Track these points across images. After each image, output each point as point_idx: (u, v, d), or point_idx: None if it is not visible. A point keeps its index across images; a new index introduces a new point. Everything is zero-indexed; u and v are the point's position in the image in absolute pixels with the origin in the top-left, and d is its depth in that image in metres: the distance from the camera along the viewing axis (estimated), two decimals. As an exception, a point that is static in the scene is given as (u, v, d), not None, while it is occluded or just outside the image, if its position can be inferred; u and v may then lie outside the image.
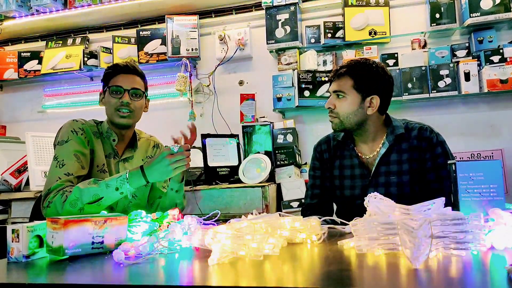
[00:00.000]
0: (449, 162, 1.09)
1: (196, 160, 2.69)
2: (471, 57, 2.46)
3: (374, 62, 1.52)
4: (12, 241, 0.96)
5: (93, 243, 0.99)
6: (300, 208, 2.49)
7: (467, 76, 2.40)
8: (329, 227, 1.12)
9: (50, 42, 3.27)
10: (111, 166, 1.60)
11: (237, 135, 2.71)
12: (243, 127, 2.72)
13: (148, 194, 1.71)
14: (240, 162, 2.61)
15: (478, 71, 2.40)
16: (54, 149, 1.52)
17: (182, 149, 1.39)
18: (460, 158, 2.41)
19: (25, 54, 3.30)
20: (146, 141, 1.75)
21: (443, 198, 0.90)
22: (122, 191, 1.37)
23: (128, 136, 1.66)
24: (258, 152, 2.60)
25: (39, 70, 3.23)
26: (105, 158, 1.58)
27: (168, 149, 1.39)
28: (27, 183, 2.61)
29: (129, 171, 1.39)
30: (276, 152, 2.61)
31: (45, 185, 1.44)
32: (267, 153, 2.59)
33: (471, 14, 2.39)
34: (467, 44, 2.50)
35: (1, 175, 2.62)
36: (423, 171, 1.49)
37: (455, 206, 1.02)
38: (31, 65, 3.28)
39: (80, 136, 1.52)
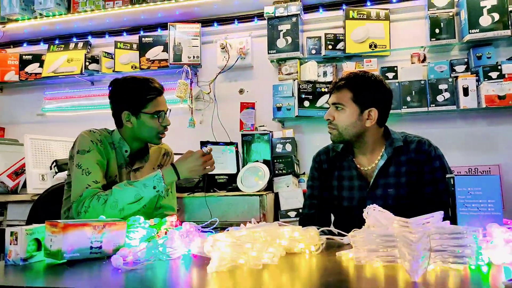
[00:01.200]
0: (447, 176, 1.10)
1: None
2: (469, 73, 2.49)
3: (373, 75, 1.53)
4: (10, 244, 0.96)
5: (91, 247, 0.99)
6: (298, 218, 2.49)
7: (466, 91, 2.43)
8: (327, 238, 1.12)
9: (52, 46, 3.28)
10: (122, 176, 1.62)
11: (236, 143, 2.72)
12: (243, 135, 2.73)
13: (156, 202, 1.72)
14: (238, 170, 2.61)
15: (477, 86, 2.43)
16: (72, 157, 1.53)
17: (208, 151, 1.56)
18: (457, 172, 2.42)
19: (26, 57, 3.31)
20: (158, 149, 1.76)
21: (442, 212, 0.90)
22: (158, 189, 1.46)
23: (139, 147, 1.67)
24: (257, 161, 2.60)
25: (40, 73, 3.23)
26: (118, 169, 1.60)
27: (201, 151, 1.54)
28: (24, 185, 2.60)
29: (161, 170, 1.50)
30: (275, 161, 2.61)
31: (74, 192, 1.45)
32: (265, 162, 2.59)
33: (470, 30, 2.42)
34: (466, 60, 2.53)
35: (-2, 177, 2.61)
36: (421, 184, 1.49)
37: (453, 220, 1.03)
38: (32, 68, 3.28)
39: (100, 147, 1.54)
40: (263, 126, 2.79)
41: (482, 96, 2.39)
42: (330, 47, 2.74)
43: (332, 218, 1.71)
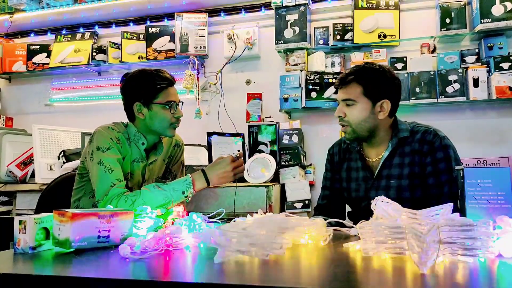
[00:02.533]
0: (457, 168, 1.08)
1: (201, 158, 2.70)
2: (480, 63, 2.45)
3: (380, 65, 1.49)
4: (19, 232, 0.97)
5: (99, 237, 0.99)
6: (304, 209, 2.49)
7: (476, 82, 2.39)
8: (334, 229, 1.12)
9: (59, 36, 3.28)
10: (135, 170, 1.60)
11: (243, 134, 2.71)
12: (249, 126, 2.72)
13: None
14: (245, 161, 2.60)
15: (487, 77, 2.39)
16: (91, 153, 1.50)
17: (238, 156, 1.54)
18: (466, 164, 2.39)
19: (34, 47, 3.31)
20: (168, 140, 1.73)
21: (451, 204, 0.89)
22: (187, 194, 1.46)
23: (156, 140, 1.65)
24: (263, 152, 2.60)
25: (48, 64, 3.24)
26: (133, 163, 1.59)
27: (231, 156, 1.52)
28: (33, 175, 2.63)
29: (191, 176, 1.49)
30: (281, 152, 2.61)
31: (99, 190, 1.43)
32: (272, 153, 2.59)
33: (482, 20, 2.38)
34: (476, 50, 2.48)
35: (7, 166, 2.64)
36: (423, 176, 1.46)
37: (462, 212, 1.02)
38: (40, 58, 3.29)
39: (118, 145, 1.53)
40: (270, 117, 2.78)
41: (492, 87, 2.35)
42: (338, 37, 2.71)
43: (348, 209, 1.71)
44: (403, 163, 1.49)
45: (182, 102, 1.64)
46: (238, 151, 1.61)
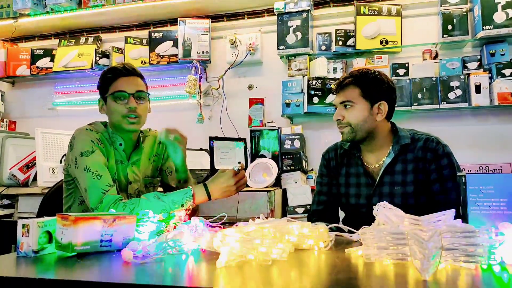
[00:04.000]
0: (459, 174, 1.08)
1: (203, 162, 2.70)
2: (482, 70, 2.45)
3: (375, 70, 1.54)
4: (22, 236, 0.97)
5: (101, 241, 0.99)
6: (306, 214, 2.48)
7: (478, 89, 2.39)
8: (336, 235, 1.12)
9: (63, 40, 3.31)
10: (120, 172, 1.55)
11: (245, 139, 2.71)
12: (251, 131, 2.73)
13: None
14: (246, 166, 2.60)
15: (489, 83, 2.39)
16: (73, 158, 1.45)
17: (239, 168, 1.49)
18: (468, 170, 2.39)
19: (38, 51, 3.34)
20: (152, 138, 1.68)
21: (453, 210, 0.89)
22: (186, 207, 1.41)
23: (134, 138, 1.59)
24: (265, 157, 2.60)
25: (51, 68, 3.26)
26: (116, 164, 1.54)
27: (233, 170, 1.47)
28: (35, 178, 2.63)
29: (192, 189, 1.42)
30: (283, 157, 2.61)
31: (92, 198, 1.37)
32: (274, 158, 2.59)
33: (484, 27, 2.38)
34: (478, 57, 2.49)
35: (9, 169, 2.64)
36: (428, 183, 1.48)
37: (464, 219, 1.02)
38: (44, 62, 3.31)
39: (100, 146, 1.48)
40: (272, 122, 2.78)
41: (494, 94, 2.35)
42: (340, 43, 2.72)
43: (341, 215, 1.70)
44: (406, 170, 1.50)
45: (148, 94, 1.55)
46: (239, 163, 1.55)
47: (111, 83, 1.50)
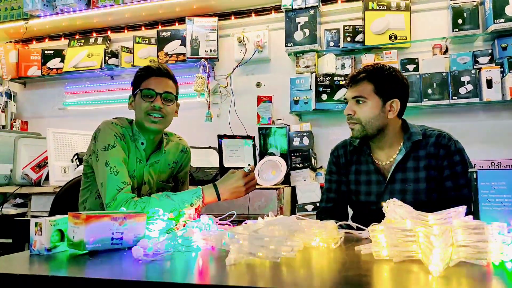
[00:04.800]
0: (470, 170, 1.07)
1: (212, 160, 2.71)
2: (494, 64, 2.42)
3: (390, 66, 1.52)
4: (35, 234, 0.99)
5: (112, 238, 1.00)
6: (315, 212, 2.48)
7: (489, 83, 2.35)
8: (345, 232, 1.11)
9: (72, 41, 3.34)
10: (136, 170, 1.55)
11: (253, 137, 2.71)
12: (260, 129, 2.73)
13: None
14: (255, 163, 2.60)
15: (501, 78, 2.35)
16: (95, 152, 1.47)
17: (250, 170, 1.48)
18: (479, 166, 2.36)
19: (48, 52, 3.38)
20: (175, 145, 1.69)
21: (465, 207, 0.88)
22: (195, 206, 1.41)
23: (156, 140, 1.60)
24: (274, 154, 2.60)
25: (61, 68, 3.30)
26: (135, 161, 1.55)
27: (243, 171, 1.47)
28: (47, 178, 2.67)
29: (202, 188, 1.43)
30: (292, 155, 2.60)
31: (107, 193, 1.39)
32: (282, 155, 2.59)
33: (496, 20, 2.35)
34: (490, 51, 2.45)
35: (22, 169, 2.69)
36: (441, 179, 1.47)
37: (475, 215, 1.00)
38: (54, 63, 3.36)
39: (122, 142, 1.49)
40: (280, 119, 2.78)
41: (506, 88, 2.32)
42: (348, 39, 2.70)
43: (350, 212, 1.70)
44: (418, 166, 1.48)
45: (176, 95, 1.57)
46: (249, 165, 1.53)
47: (143, 80, 1.53)
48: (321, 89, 2.65)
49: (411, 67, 2.55)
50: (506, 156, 2.41)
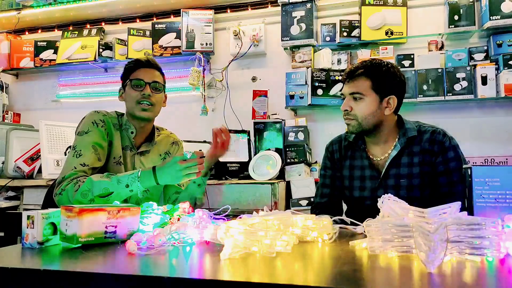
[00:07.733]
0: (464, 166, 1.07)
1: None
2: (489, 61, 2.42)
3: (388, 62, 1.51)
4: (27, 227, 0.97)
5: (106, 232, 1.00)
6: (309, 207, 2.48)
7: (484, 80, 2.36)
8: (340, 227, 1.11)
9: (66, 32, 3.30)
10: (127, 158, 1.60)
11: (248, 131, 2.71)
12: (255, 123, 2.72)
13: (163, 190, 1.72)
14: (250, 158, 2.60)
15: (496, 75, 2.37)
16: (74, 138, 1.54)
17: (195, 156, 1.38)
18: (473, 163, 2.37)
19: (41, 43, 3.33)
20: (166, 137, 1.75)
21: (459, 203, 0.89)
22: (132, 188, 1.37)
23: (147, 130, 1.66)
24: (269, 149, 2.59)
25: (55, 60, 3.26)
26: (122, 150, 1.59)
27: (182, 156, 1.40)
28: (40, 170, 2.64)
29: (141, 170, 1.39)
30: (287, 149, 2.60)
31: (61, 173, 1.46)
32: (277, 150, 2.58)
33: (491, 17, 2.35)
34: (485, 48, 2.46)
35: (14, 162, 2.66)
36: (434, 175, 1.47)
37: (469, 211, 1.01)
38: (47, 54, 3.31)
39: (100, 128, 1.53)
40: (276, 114, 2.77)
41: (501, 85, 2.33)
42: (345, 34, 2.69)
43: (344, 208, 1.70)
44: (412, 162, 1.49)
45: (164, 85, 1.64)
46: (200, 150, 1.46)
47: (132, 72, 1.60)
48: (316, 84, 2.64)
49: (406, 63, 2.55)
50: (500, 153, 2.43)
